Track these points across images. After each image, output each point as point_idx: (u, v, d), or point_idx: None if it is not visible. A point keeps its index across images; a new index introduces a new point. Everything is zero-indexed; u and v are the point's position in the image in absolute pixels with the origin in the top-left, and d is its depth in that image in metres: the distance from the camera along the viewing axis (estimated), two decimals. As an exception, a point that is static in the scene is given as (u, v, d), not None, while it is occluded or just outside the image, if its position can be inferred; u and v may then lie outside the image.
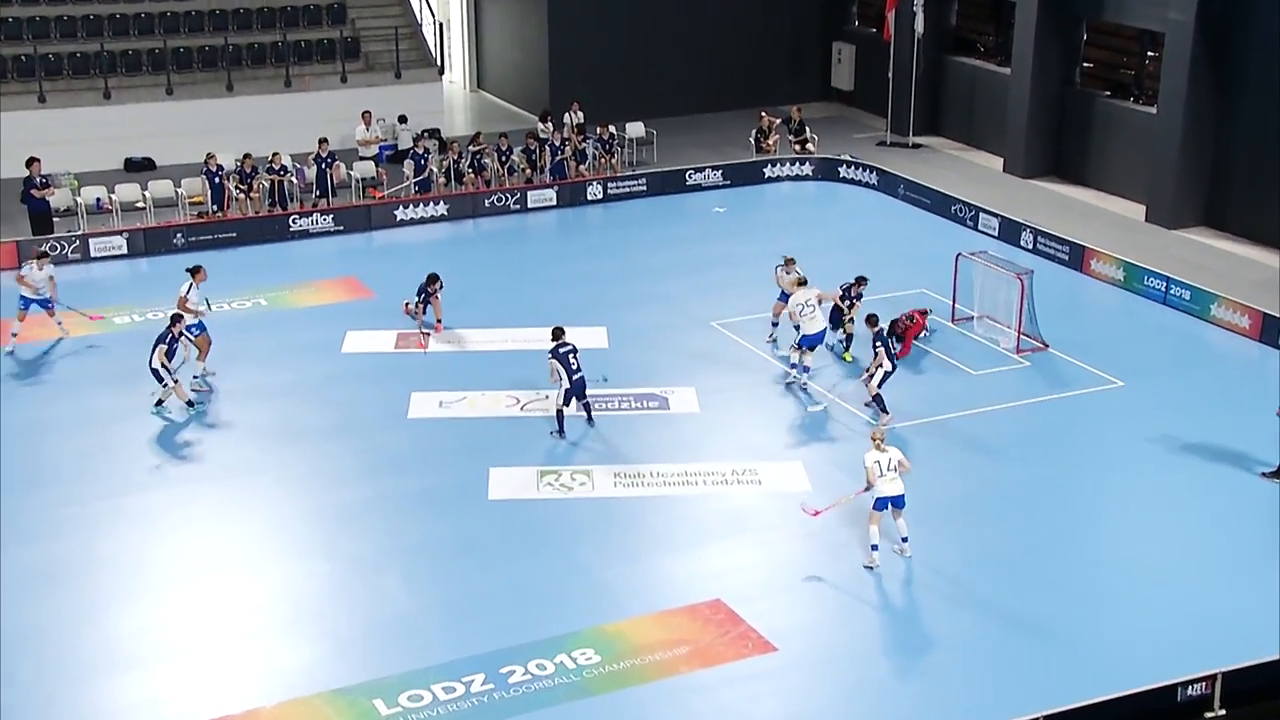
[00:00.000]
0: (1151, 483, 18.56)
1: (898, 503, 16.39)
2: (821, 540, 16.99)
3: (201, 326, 21.25)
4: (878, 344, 19.79)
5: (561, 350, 19.34)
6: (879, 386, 19.77)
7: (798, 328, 21.01)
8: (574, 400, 19.45)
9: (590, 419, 19.66)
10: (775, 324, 22.70)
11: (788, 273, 22.19)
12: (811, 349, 21.06)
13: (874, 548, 16.35)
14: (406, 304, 23.49)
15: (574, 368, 19.29)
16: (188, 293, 21.22)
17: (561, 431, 19.46)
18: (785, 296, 21.87)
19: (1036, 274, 22.80)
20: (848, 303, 21.96)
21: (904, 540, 16.55)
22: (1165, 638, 15.15)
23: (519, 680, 14.33)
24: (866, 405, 20.11)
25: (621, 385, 19.99)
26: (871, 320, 20.03)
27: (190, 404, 20.15)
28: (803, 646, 15.03)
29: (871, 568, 16.31)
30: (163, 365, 19.75)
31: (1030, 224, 27.51)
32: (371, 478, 18.63)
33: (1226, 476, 18.58)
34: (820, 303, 21.02)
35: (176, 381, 19.93)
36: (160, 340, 19.86)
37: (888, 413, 19.77)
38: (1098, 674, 14.40)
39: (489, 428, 19.94)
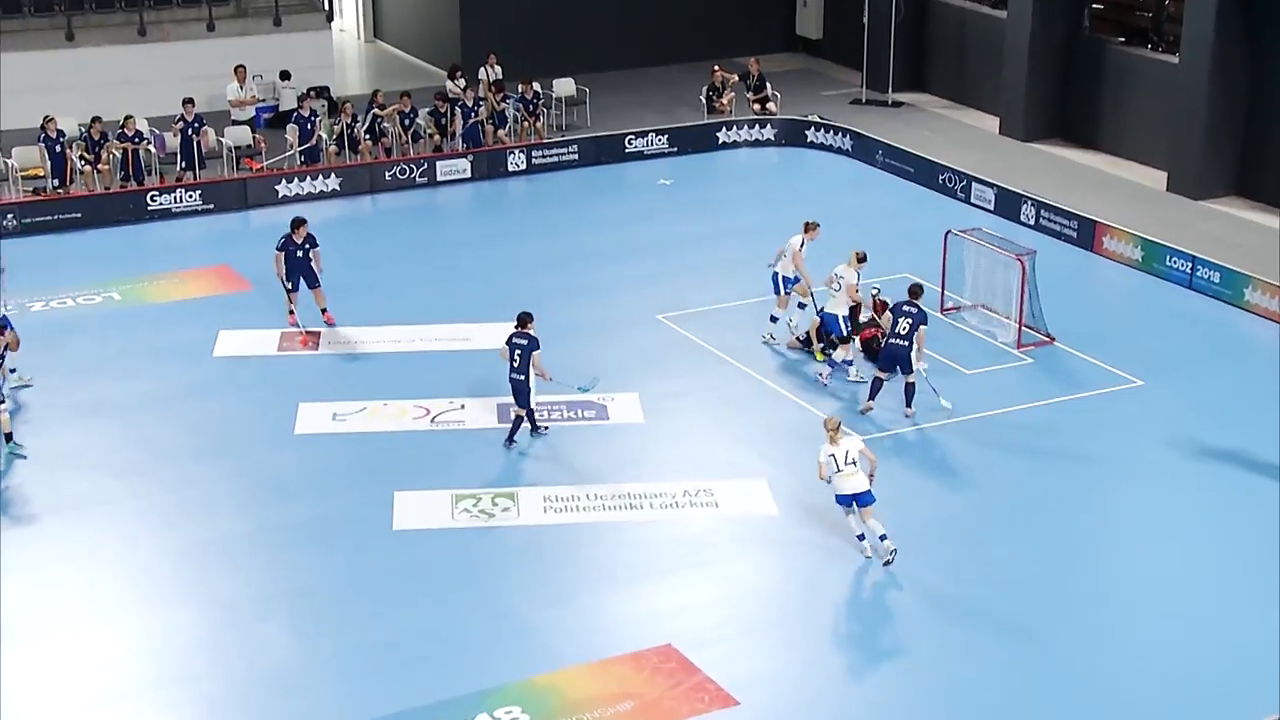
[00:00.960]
0: (1175, 496, 18.84)
1: (862, 500, 16.81)
2: (789, 574, 17.12)
3: (5, 322, 20.87)
4: (891, 314, 20.44)
5: (510, 340, 19.51)
6: (879, 370, 20.48)
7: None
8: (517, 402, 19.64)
9: (511, 438, 19.71)
10: (801, 305, 22.55)
11: (811, 239, 22.20)
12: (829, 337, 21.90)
13: (860, 537, 17.10)
14: (292, 314, 23.12)
15: (514, 364, 19.43)
16: None
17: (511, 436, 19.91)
18: (791, 281, 22.03)
19: (1040, 254, 23.03)
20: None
21: (882, 539, 16.87)
22: (1196, 677, 15.35)
23: (431, 745, 14.37)
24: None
25: (552, 392, 20.02)
26: (915, 290, 20.43)
27: (9, 438, 19.42)
28: (768, 698, 15.10)
29: (868, 557, 17.07)
30: None
31: (1032, 195, 27.82)
32: (251, 507, 18.55)
33: (1260, 488, 18.84)
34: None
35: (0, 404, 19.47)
36: None
37: (872, 400, 20.54)
38: (1116, 724, 14.63)
39: (393, 444, 19.92)
